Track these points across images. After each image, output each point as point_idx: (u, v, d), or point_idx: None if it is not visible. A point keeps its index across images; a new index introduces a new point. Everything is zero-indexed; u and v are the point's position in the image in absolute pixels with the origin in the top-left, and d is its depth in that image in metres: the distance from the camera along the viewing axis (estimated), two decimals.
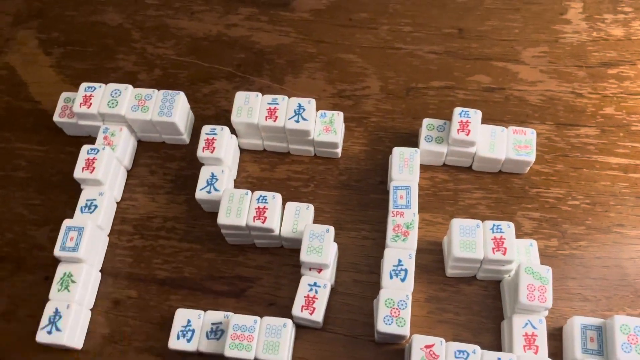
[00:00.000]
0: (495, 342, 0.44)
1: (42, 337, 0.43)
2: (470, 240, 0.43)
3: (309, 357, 0.44)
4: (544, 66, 0.55)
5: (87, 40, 0.60)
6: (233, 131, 0.51)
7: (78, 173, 0.48)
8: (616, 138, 0.52)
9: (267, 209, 0.45)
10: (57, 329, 0.43)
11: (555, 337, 0.44)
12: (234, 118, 0.49)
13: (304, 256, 0.44)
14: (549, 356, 0.41)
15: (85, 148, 0.49)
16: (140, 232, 0.50)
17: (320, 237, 0.44)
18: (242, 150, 0.53)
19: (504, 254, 0.43)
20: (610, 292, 0.45)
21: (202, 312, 0.44)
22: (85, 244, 0.45)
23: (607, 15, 0.58)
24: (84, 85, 0.51)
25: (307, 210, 0.47)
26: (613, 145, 0.51)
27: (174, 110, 0.50)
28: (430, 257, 0.47)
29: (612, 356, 0.40)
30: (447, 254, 0.46)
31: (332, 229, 0.45)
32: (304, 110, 0.49)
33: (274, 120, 0.49)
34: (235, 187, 0.51)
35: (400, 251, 0.43)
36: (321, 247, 0.44)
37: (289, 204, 0.47)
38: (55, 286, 0.45)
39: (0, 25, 0.61)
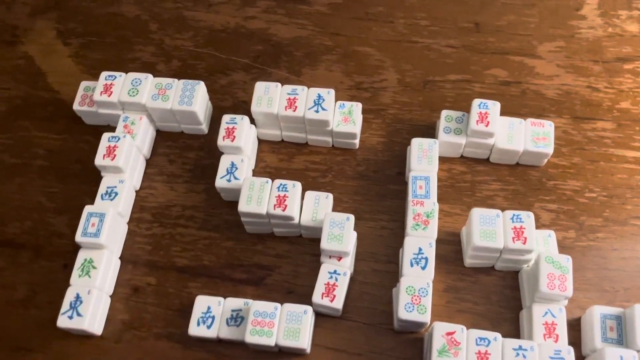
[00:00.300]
0: (513, 332, 0.44)
1: (63, 322, 0.43)
2: (490, 229, 0.43)
3: (328, 345, 0.45)
4: (560, 61, 0.56)
5: (105, 31, 0.60)
6: (252, 121, 0.51)
7: (99, 160, 0.48)
8: (632, 132, 0.52)
9: (287, 197, 0.46)
10: (78, 314, 0.43)
11: (574, 327, 0.44)
12: (254, 108, 0.50)
13: (325, 244, 0.44)
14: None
15: (106, 136, 0.49)
16: (159, 220, 0.50)
17: (340, 225, 0.44)
18: (260, 141, 0.53)
19: (524, 243, 0.43)
20: (628, 284, 0.46)
21: (222, 299, 0.44)
22: (106, 230, 0.45)
23: (621, 12, 0.58)
24: (104, 74, 0.52)
25: (326, 200, 0.47)
26: (629, 139, 0.52)
27: (194, 99, 0.50)
28: (449, 247, 0.48)
29: (633, 345, 0.40)
30: (466, 244, 0.46)
31: (352, 217, 0.45)
32: (324, 100, 0.49)
33: (294, 110, 0.49)
34: (253, 176, 0.51)
35: (420, 239, 0.44)
36: (341, 235, 0.44)
37: (309, 193, 0.48)
38: (76, 272, 0.45)
39: (18, 15, 0.62)
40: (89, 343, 0.46)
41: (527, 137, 0.49)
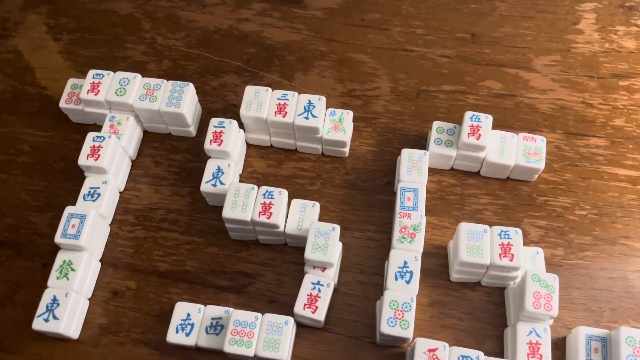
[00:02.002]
0: (497, 350, 0.44)
1: (38, 324, 0.42)
2: (478, 245, 0.43)
3: (308, 357, 0.44)
4: (555, 75, 0.55)
5: (96, 27, 0.59)
6: (241, 125, 0.50)
7: (83, 160, 0.47)
8: (625, 150, 0.51)
9: (272, 204, 0.45)
10: (55, 317, 0.42)
11: (559, 347, 0.44)
12: (243, 112, 0.49)
13: (309, 254, 0.43)
14: None
15: (91, 135, 0.48)
16: (142, 223, 0.49)
17: (325, 235, 0.44)
18: (249, 145, 0.52)
19: (511, 260, 0.42)
20: (615, 304, 0.45)
21: (202, 306, 0.43)
22: (86, 232, 0.44)
23: (619, 27, 0.58)
24: (92, 72, 0.51)
25: (312, 208, 0.46)
26: (622, 157, 0.51)
27: (182, 101, 0.49)
28: (435, 261, 0.47)
29: None
30: (452, 258, 0.45)
31: (338, 227, 0.44)
32: (314, 107, 0.49)
33: (283, 116, 0.48)
34: (240, 182, 0.50)
35: (406, 253, 0.43)
36: (326, 246, 0.43)
37: (295, 201, 0.47)
38: (54, 274, 0.44)
39: (9, 8, 0.61)
40: (66, 346, 0.45)
41: (519, 151, 0.48)
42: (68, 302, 0.43)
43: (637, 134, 0.52)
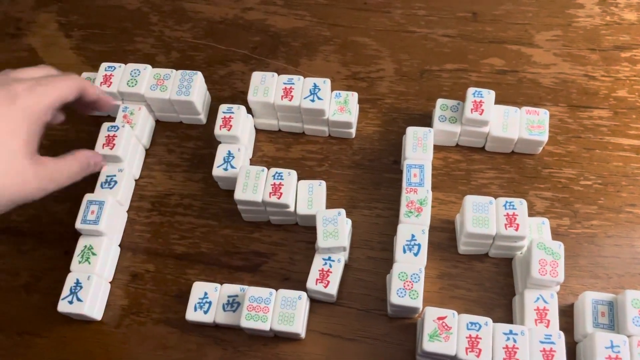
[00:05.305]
0: (506, 318, 0.45)
1: (63, 307, 0.44)
2: (483, 216, 0.44)
3: (322, 330, 0.45)
4: (557, 49, 0.56)
5: (106, 23, 0.61)
6: (249, 111, 0.52)
7: (99, 149, 0.49)
8: (629, 120, 0.52)
9: (282, 185, 0.46)
10: (78, 299, 0.44)
11: (566, 314, 0.44)
12: (251, 97, 0.50)
13: (322, 242, 0.44)
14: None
15: (105, 125, 0.50)
16: (158, 209, 0.51)
17: (333, 221, 0.45)
18: (258, 131, 0.54)
19: (517, 230, 0.43)
20: (622, 270, 0.46)
21: (218, 285, 0.45)
22: (105, 218, 0.46)
23: (620, 0, 0.58)
24: (104, 65, 0.53)
25: (319, 187, 0.48)
26: (625, 127, 0.52)
27: (191, 89, 0.51)
28: (443, 235, 0.48)
29: (623, 330, 0.40)
30: (459, 231, 0.47)
31: (343, 211, 0.45)
32: (319, 90, 0.50)
33: (290, 100, 0.50)
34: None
35: (413, 226, 0.44)
36: (336, 231, 0.44)
37: (302, 183, 0.48)
38: (76, 258, 0.46)
39: (22, 8, 0.63)
40: (90, 328, 0.47)
41: (522, 125, 0.49)
42: (90, 284, 0.45)
43: None
